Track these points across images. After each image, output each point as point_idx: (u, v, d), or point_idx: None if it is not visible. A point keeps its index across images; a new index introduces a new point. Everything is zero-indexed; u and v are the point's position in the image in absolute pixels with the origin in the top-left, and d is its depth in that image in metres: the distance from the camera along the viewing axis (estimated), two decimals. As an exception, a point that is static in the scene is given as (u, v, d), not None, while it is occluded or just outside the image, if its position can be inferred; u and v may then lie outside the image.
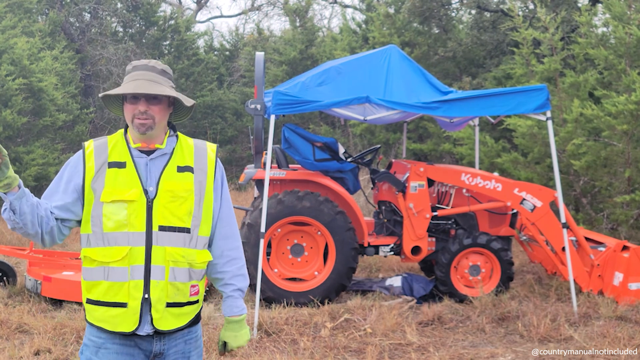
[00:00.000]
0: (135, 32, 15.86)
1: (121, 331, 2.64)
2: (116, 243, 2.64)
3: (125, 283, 2.63)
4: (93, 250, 2.66)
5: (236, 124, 16.84)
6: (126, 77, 2.74)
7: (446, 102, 6.58)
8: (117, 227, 2.63)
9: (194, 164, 2.76)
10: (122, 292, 2.63)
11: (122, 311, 2.64)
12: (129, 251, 2.63)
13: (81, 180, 2.69)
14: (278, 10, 24.79)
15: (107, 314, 2.65)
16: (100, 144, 2.74)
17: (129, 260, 2.63)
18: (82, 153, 2.73)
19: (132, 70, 2.73)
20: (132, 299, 2.64)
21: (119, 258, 2.63)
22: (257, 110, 6.53)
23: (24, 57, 11.51)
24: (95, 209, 2.65)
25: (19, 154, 11.56)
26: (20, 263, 8.53)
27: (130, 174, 2.67)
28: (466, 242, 7.08)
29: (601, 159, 8.61)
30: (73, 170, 2.71)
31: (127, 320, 2.64)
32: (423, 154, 12.74)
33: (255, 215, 6.76)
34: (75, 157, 2.74)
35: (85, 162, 2.70)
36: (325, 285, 6.91)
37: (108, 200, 2.64)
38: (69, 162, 2.75)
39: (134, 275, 2.63)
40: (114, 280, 2.63)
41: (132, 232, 2.64)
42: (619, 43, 8.47)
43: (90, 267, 2.67)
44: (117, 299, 2.64)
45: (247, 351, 5.54)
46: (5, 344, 5.65)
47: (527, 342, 5.90)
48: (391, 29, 12.74)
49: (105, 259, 2.64)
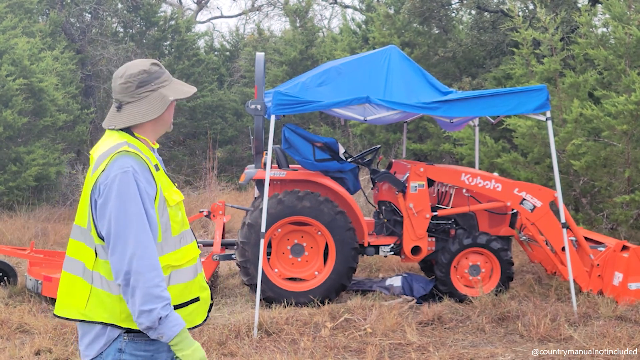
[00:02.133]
0: (135, 32, 15.87)
1: (197, 324, 2.71)
2: (184, 243, 2.67)
3: (196, 278, 2.70)
4: (167, 257, 2.60)
5: (236, 124, 16.85)
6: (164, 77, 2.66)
7: (446, 102, 6.59)
8: (180, 229, 2.66)
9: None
10: (194, 288, 2.69)
11: (197, 305, 2.70)
12: (195, 247, 2.73)
13: (155, 189, 2.57)
14: (278, 10, 24.81)
15: (183, 314, 2.63)
16: (135, 149, 2.59)
17: (197, 256, 2.73)
18: (142, 161, 2.55)
19: (163, 71, 2.67)
20: (202, 291, 2.72)
21: (193, 257, 2.69)
22: (257, 110, 6.54)
23: (25, 58, 11.52)
24: (163, 215, 2.60)
25: (20, 154, 11.57)
26: (21, 263, 8.54)
27: (164, 174, 2.69)
28: (466, 242, 7.09)
29: (601, 159, 8.61)
30: (144, 182, 2.53)
31: (201, 312, 2.73)
32: (423, 154, 12.74)
33: (256, 215, 6.77)
34: (137, 167, 2.52)
35: (150, 169, 2.57)
36: (326, 285, 6.92)
37: (173, 204, 2.63)
38: (132, 177, 2.49)
39: (198, 269, 2.73)
40: (188, 279, 2.66)
41: (187, 230, 2.72)
42: (619, 43, 8.47)
43: (164, 275, 2.58)
44: (191, 296, 2.68)
45: (247, 351, 5.55)
46: (5, 344, 5.66)
47: (527, 342, 5.90)
48: (391, 30, 12.75)
49: (180, 261, 2.63)
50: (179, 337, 2.50)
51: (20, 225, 10.20)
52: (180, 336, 2.50)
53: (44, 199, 12.24)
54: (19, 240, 9.49)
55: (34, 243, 7.79)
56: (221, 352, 5.51)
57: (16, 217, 10.76)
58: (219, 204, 7.59)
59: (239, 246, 6.88)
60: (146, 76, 2.62)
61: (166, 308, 2.48)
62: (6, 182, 11.30)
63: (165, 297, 2.48)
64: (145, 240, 2.47)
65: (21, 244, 9.22)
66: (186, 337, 2.52)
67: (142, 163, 2.54)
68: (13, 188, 11.38)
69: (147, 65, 2.64)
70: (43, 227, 10.12)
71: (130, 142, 2.59)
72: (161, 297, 2.47)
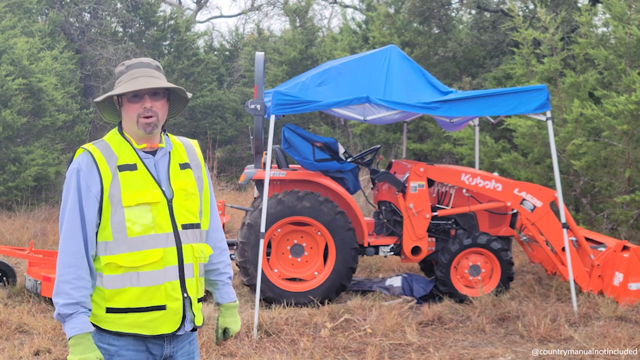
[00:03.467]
0: (135, 32, 15.86)
1: (162, 333, 2.64)
2: (145, 247, 2.59)
3: (161, 285, 2.61)
4: (117, 257, 2.58)
5: (236, 124, 16.84)
6: (122, 77, 2.67)
7: (446, 102, 6.58)
8: (144, 231, 2.59)
9: (189, 160, 2.79)
10: (158, 295, 2.61)
11: (161, 313, 2.62)
12: (164, 253, 2.62)
13: (99, 186, 2.57)
14: (278, 10, 24.81)
15: (143, 319, 2.60)
16: (104, 147, 2.64)
17: (163, 262, 2.62)
18: (91, 157, 2.59)
19: (126, 70, 2.68)
20: (171, 300, 2.63)
21: (153, 261, 2.60)
22: (257, 110, 6.53)
23: (24, 57, 11.50)
24: (116, 214, 2.57)
25: (19, 154, 11.55)
26: (20, 263, 8.53)
27: (144, 175, 2.63)
28: (466, 242, 7.08)
29: (601, 159, 8.61)
30: (88, 178, 2.57)
31: (167, 322, 2.65)
32: (423, 154, 12.73)
33: (255, 215, 6.76)
34: (83, 164, 2.59)
35: (99, 167, 2.58)
36: (325, 286, 6.90)
37: (132, 204, 2.58)
38: (75, 173, 2.59)
39: (168, 277, 2.63)
40: (147, 284, 2.59)
41: (160, 234, 2.62)
42: (619, 43, 8.47)
43: (114, 274, 2.58)
44: (153, 303, 2.61)
45: (247, 351, 5.54)
46: (5, 344, 5.64)
47: (527, 342, 5.89)
48: (391, 29, 12.74)
49: (135, 263, 2.58)
50: (74, 340, 2.52)
51: (19, 225, 10.19)
52: (75, 339, 2.52)
53: (43, 199, 12.22)
54: (18, 241, 9.48)
55: (33, 243, 7.77)
56: (220, 353, 5.50)
57: (15, 217, 10.75)
58: (218, 204, 7.58)
59: (238, 246, 6.86)
60: (116, 74, 2.73)
61: (69, 307, 2.52)
62: (5, 182, 11.29)
63: (72, 295, 2.52)
64: (69, 236, 2.55)
65: (20, 244, 9.21)
66: (82, 344, 2.52)
67: (92, 161, 2.59)
68: (12, 188, 11.36)
69: (118, 67, 2.74)
70: (42, 227, 10.10)
71: (104, 140, 2.68)
72: (67, 294, 2.52)
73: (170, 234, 2.64)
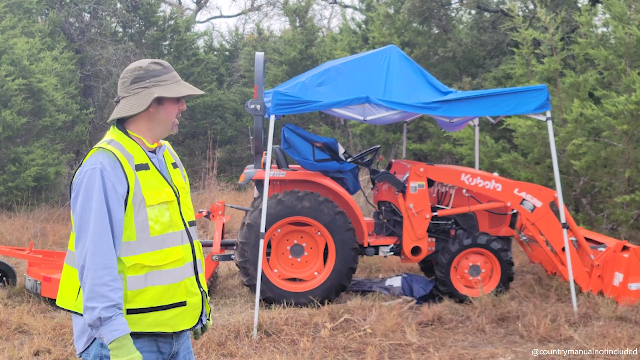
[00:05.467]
0: (134, 32, 15.85)
1: (183, 329, 2.68)
2: (165, 245, 2.63)
3: (181, 282, 2.66)
4: (141, 257, 2.58)
5: (236, 124, 16.84)
6: (165, 76, 2.68)
7: (446, 102, 6.58)
8: (163, 230, 2.63)
9: (174, 160, 2.85)
10: (179, 292, 2.65)
11: (182, 310, 2.67)
12: (184, 250, 2.69)
13: (126, 186, 2.56)
14: (278, 10, 24.79)
15: (164, 317, 2.62)
16: (119, 147, 2.62)
17: (184, 260, 2.68)
18: (114, 157, 2.57)
19: (166, 72, 2.70)
20: (190, 296, 2.68)
21: (175, 259, 2.65)
22: (257, 110, 6.53)
23: (24, 58, 11.50)
24: (139, 214, 2.59)
25: (19, 155, 11.55)
26: (20, 263, 8.52)
27: (155, 174, 2.67)
28: (466, 242, 7.07)
29: (601, 159, 8.60)
30: (113, 179, 2.54)
31: (187, 318, 2.69)
32: (423, 154, 12.73)
33: (255, 216, 6.76)
34: (106, 164, 2.55)
35: (124, 167, 2.57)
36: (325, 286, 6.90)
37: (154, 204, 2.61)
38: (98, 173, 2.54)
39: (187, 273, 2.68)
40: (169, 282, 2.62)
41: (176, 232, 2.67)
42: (619, 43, 8.46)
43: (138, 274, 2.58)
44: (174, 300, 2.64)
45: (247, 351, 5.54)
46: (5, 344, 5.64)
47: (527, 342, 5.89)
48: (391, 29, 12.74)
49: (158, 262, 2.60)
50: (117, 343, 2.48)
51: (19, 225, 10.19)
52: (118, 342, 2.48)
53: (43, 199, 12.22)
54: (18, 241, 9.48)
55: (33, 243, 7.77)
56: (220, 353, 5.50)
57: (15, 217, 10.75)
58: (218, 204, 7.57)
59: (238, 246, 6.86)
60: (142, 73, 2.66)
61: (109, 309, 2.47)
62: (5, 182, 11.29)
63: (111, 297, 2.48)
64: (100, 238, 2.50)
65: (20, 244, 9.21)
66: (125, 345, 2.49)
67: (115, 160, 2.56)
68: (12, 188, 11.36)
69: (145, 63, 2.69)
70: (42, 228, 10.11)
71: (115, 140, 2.64)
72: (106, 297, 2.47)
73: (184, 232, 2.71)
